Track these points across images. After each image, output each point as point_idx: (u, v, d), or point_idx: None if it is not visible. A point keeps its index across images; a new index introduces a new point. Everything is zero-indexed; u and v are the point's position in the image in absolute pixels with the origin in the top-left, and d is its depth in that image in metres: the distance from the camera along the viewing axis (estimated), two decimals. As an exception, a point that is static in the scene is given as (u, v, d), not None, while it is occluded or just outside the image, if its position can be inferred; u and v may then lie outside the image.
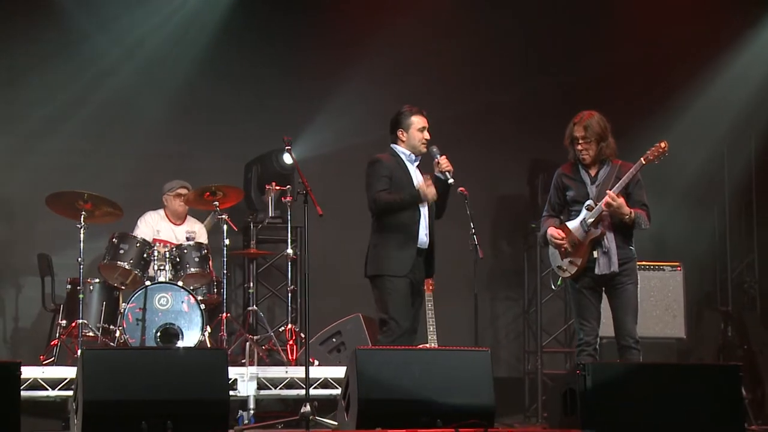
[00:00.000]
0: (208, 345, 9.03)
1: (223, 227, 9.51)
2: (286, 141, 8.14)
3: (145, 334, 8.97)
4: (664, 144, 7.44)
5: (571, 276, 7.56)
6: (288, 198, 9.86)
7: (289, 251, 9.85)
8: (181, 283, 9.24)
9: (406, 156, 7.81)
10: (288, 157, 8.45)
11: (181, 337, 9.06)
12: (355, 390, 6.42)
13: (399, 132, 7.83)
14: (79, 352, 7.70)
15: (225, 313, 9.46)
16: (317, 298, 9.90)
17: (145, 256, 9.35)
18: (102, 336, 9.17)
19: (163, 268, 9.32)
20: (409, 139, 7.80)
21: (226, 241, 9.50)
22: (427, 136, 7.81)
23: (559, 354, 11.38)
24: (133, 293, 9.11)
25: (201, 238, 9.89)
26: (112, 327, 9.21)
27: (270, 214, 10.23)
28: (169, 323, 9.07)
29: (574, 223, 7.56)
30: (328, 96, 10.90)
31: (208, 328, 9.20)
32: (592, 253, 7.48)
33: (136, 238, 9.44)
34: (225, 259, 9.52)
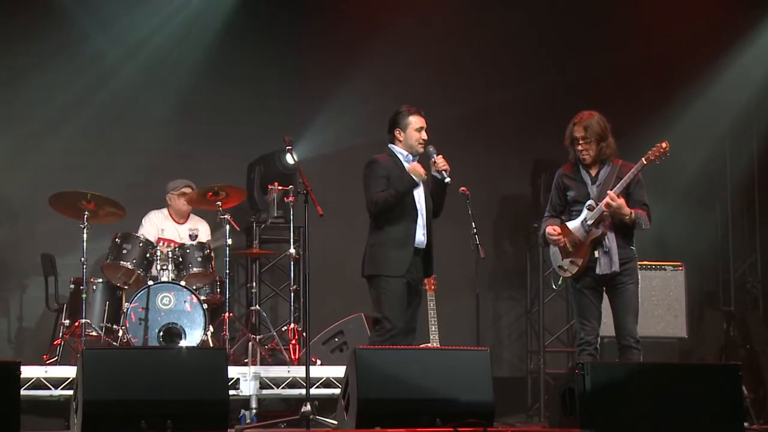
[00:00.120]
0: (210, 344, 9.04)
1: (226, 227, 9.53)
2: (286, 141, 8.15)
3: (148, 334, 8.99)
4: (665, 144, 7.44)
5: (572, 276, 7.57)
6: (291, 198, 9.87)
7: (291, 251, 9.87)
8: (183, 283, 9.26)
9: (404, 156, 7.80)
10: (290, 157, 8.45)
11: (183, 337, 9.08)
12: (354, 389, 6.42)
13: (396, 132, 7.83)
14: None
15: (227, 313, 9.47)
16: (320, 297, 9.93)
17: (148, 255, 9.37)
18: (105, 336, 9.19)
19: (165, 267, 9.35)
20: (406, 138, 7.80)
21: (229, 241, 9.51)
22: (425, 136, 7.81)
23: (562, 354, 11.38)
24: (135, 293, 9.13)
25: (204, 237, 9.92)
26: (115, 327, 9.25)
27: (273, 214, 10.25)
28: (171, 323, 9.08)
29: (575, 223, 7.57)
30: (330, 96, 10.91)
31: (211, 328, 9.21)
32: (593, 252, 7.49)
33: (139, 237, 9.46)
34: (228, 258, 9.53)
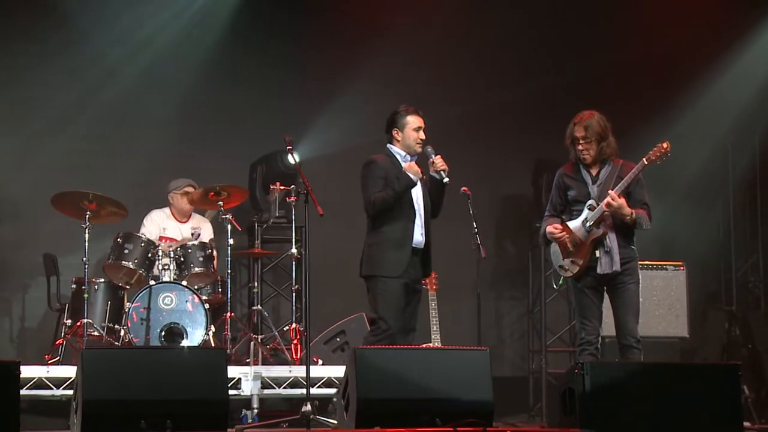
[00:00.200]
0: (212, 344, 9.05)
1: (227, 227, 9.54)
2: (287, 141, 8.14)
3: (150, 334, 9.00)
4: (666, 144, 7.43)
5: (573, 275, 7.57)
6: (292, 198, 9.88)
7: (293, 251, 9.88)
8: (185, 283, 9.27)
9: (401, 156, 7.81)
10: (290, 157, 8.46)
11: (185, 337, 9.09)
12: (354, 389, 6.42)
13: (394, 132, 7.83)
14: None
15: (229, 313, 9.48)
16: (321, 297, 9.96)
17: (149, 255, 9.38)
18: (107, 335, 9.20)
19: (167, 267, 9.36)
20: (404, 138, 7.80)
21: (230, 241, 9.53)
22: (423, 136, 7.80)
23: (564, 353, 11.37)
24: (137, 293, 9.14)
25: (206, 236, 9.93)
26: (116, 326, 9.25)
27: (274, 214, 10.27)
28: (173, 323, 9.09)
29: (575, 222, 7.57)
30: (332, 96, 10.90)
31: (213, 328, 9.23)
32: (594, 252, 7.49)
33: (141, 237, 9.47)
34: (229, 258, 9.54)
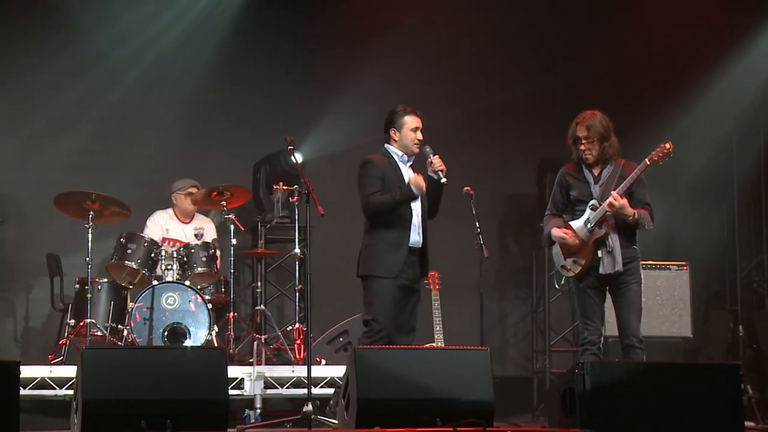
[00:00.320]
0: (215, 344, 9.05)
1: (231, 227, 9.54)
2: (288, 141, 8.14)
3: (153, 334, 9.01)
4: (668, 145, 7.41)
5: (575, 275, 7.57)
6: (296, 198, 9.88)
7: (296, 251, 9.87)
8: (188, 283, 9.28)
9: (399, 156, 7.79)
10: (292, 157, 8.46)
11: (188, 337, 9.09)
12: (354, 389, 6.43)
13: (392, 131, 7.80)
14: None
15: (232, 313, 9.50)
16: (325, 297, 9.96)
17: (152, 255, 9.39)
18: (110, 335, 9.21)
19: (170, 267, 9.36)
20: (401, 138, 7.77)
21: (233, 241, 9.54)
22: (420, 137, 7.77)
23: (568, 353, 11.33)
24: (140, 293, 9.16)
25: (210, 236, 9.94)
26: (119, 326, 9.26)
27: (277, 214, 10.27)
28: (176, 323, 9.10)
29: (577, 222, 7.57)
30: (335, 96, 10.91)
31: (216, 328, 9.23)
32: (596, 252, 7.49)
33: (144, 237, 9.48)
34: (232, 258, 9.56)
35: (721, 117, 11.40)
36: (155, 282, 9.23)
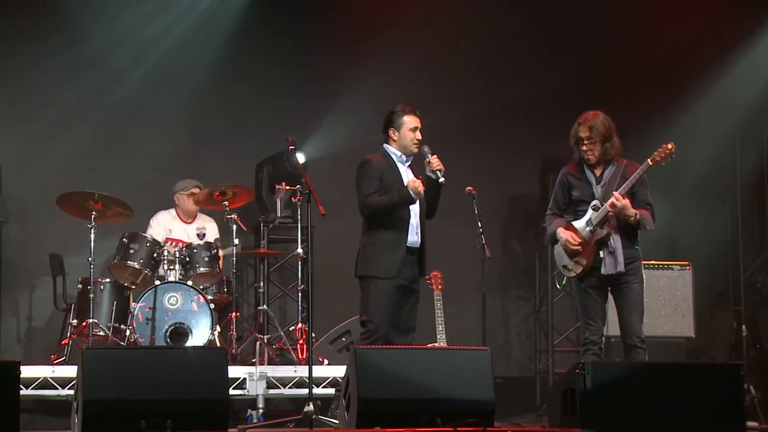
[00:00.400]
0: (217, 344, 9.06)
1: (233, 227, 9.55)
2: (289, 141, 8.14)
3: (155, 334, 9.02)
4: (671, 145, 7.41)
5: (577, 276, 7.56)
6: (298, 198, 9.87)
7: (299, 251, 9.87)
8: (190, 283, 9.28)
9: (397, 156, 7.78)
10: (293, 157, 8.46)
11: (190, 337, 9.10)
12: (354, 389, 6.43)
13: (390, 131, 7.80)
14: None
15: (234, 313, 9.50)
16: (327, 297, 9.97)
17: (155, 255, 9.40)
18: (112, 335, 9.22)
19: (173, 267, 9.37)
20: (400, 138, 7.76)
21: (236, 241, 9.55)
22: (419, 137, 7.75)
23: (571, 353, 11.31)
24: (143, 293, 9.16)
25: (211, 236, 9.94)
26: (122, 326, 9.27)
27: (280, 214, 10.27)
28: (178, 323, 9.11)
29: (579, 223, 7.57)
30: (339, 96, 10.90)
31: (218, 328, 9.24)
32: (598, 253, 7.49)
33: (147, 237, 9.48)
34: (234, 258, 9.57)
35: (722, 116, 11.38)
36: (157, 282, 9.24)
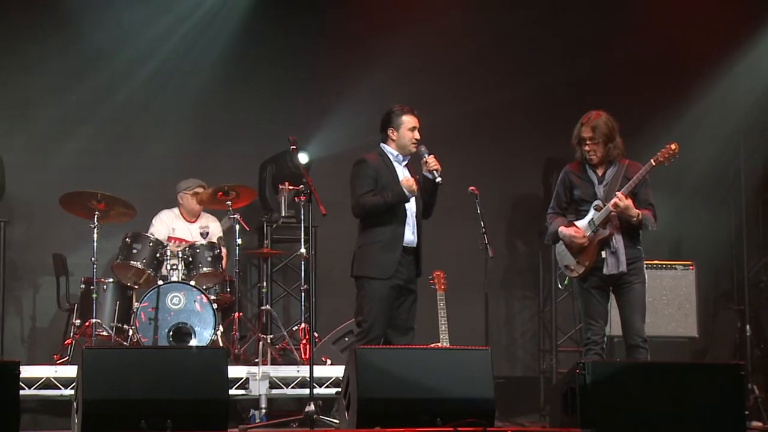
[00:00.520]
0: (220, 344, 9.06)
1: (236, 227, 9.55)
2: (291, 140, 8.14)
3: (158, 334, 9.02)
4: (674, 146, 7.39)
5: (579, 276, 7.55)
6: (301, 198, 9.86)
7: (302, 251, 9.86)
8: (193, 283, 9.29)
9: (394, 156, 7.75)
10: (295, 157, 8.47)
11: (193, 337, 9.10)
12: (354, 389, 6.42)
13: (389, 131, 7.76)
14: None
15: (237, 313, 9.51)
16: (330, 297, 9.98)
17: (158, 255, 9.41)
18: (115, 335, 9.24)
19: (175, 267, 9.38)
20: (399, 138, 7.73)
21: (239, 241, 9.55)
22: (417, 136, 7.72)
23: (575, 353, 11.28)
24: (146, 293, 9.17)
25: (215, 235, 9.94)
26: (125, 326, 9.29)
27: (283, 214, 10.28)
28: (181, 322, 9.11)
29: (581, 222, 7.56)
30: (342, 95, 10.91)
31: (221, 328, 9.24)
32: (600, 253, 7.48)
33: (149, 237, 9.49)
34: (237, 258, 9.57)
35: (725, 116, 11.37)
36: (160, 282, 9.25)
